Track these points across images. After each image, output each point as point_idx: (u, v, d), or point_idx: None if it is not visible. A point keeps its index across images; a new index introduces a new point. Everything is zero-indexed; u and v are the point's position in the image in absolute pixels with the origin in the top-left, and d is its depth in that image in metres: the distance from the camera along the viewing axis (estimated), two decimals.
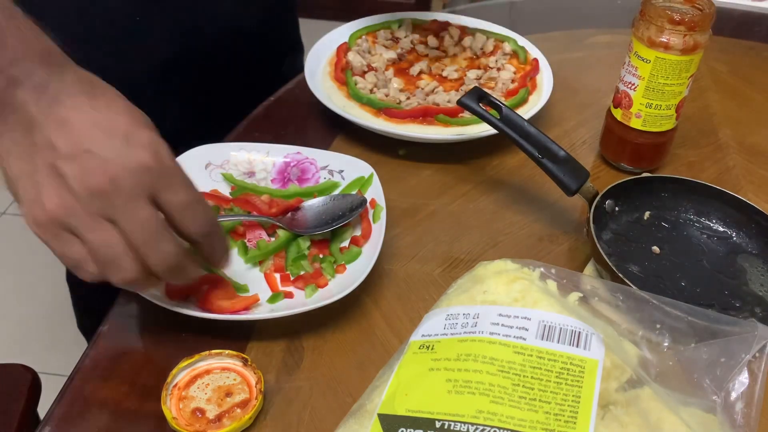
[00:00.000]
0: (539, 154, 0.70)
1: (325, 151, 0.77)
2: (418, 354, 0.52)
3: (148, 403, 0.56)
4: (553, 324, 0.50)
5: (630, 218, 0.73)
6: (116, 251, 0.50)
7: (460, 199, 0.78)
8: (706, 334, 0.52)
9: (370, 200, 0.71)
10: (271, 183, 0.75)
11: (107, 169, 0.49)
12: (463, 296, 0.55)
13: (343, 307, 0.63)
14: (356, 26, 0.98)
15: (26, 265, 1.91)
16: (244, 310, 0.61)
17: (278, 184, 0.75)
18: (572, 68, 1.00)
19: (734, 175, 0.83)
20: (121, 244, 0.50)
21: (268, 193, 0.73)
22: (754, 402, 0.50)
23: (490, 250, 0.72)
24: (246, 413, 0.54)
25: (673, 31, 0.71)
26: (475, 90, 0.74)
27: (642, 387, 0.49)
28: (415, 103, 0.84)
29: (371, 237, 0.68)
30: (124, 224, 0.50)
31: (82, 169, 0.49)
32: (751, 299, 0.65)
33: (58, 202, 0.49)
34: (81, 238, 0.50)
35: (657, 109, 0.76)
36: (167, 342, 0.61)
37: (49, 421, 0.56)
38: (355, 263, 0.66)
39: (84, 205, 0.49)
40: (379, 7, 1.14)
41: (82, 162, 0.49)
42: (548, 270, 0.56)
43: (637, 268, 0.68)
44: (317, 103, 0.85)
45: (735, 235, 0.72)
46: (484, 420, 0.45)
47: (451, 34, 0.97)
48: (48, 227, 0.50)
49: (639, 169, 0.80)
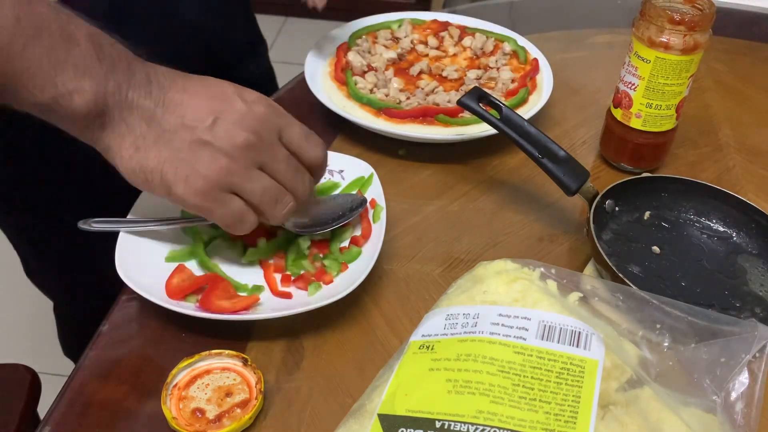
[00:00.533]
0: (539, 154, 0.70)
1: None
2: (418, 354, 0.52)
3: (148, 403, 0.56)
4: (553, 324, 0.50)
5: (630, 218, 0.73)
6: (277, 192, 0.59)
7: (460, 199, 0.78)
8: (706, 334, 0.52)
9: (370, 200, 0.71)
10: None
11: (243, 124, 0.56)
12: (463, 296, 0.55)
13: (343, 307, 0.63)
14: (356, 26, 0.98)
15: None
16: (244, 310, 0.61)
17: None
18: (572, 68, 1.00)
19: (734, 175, 0.83)
20: (277, 185, 0.58)
21: None
22: (754, 402, 0.50)
23: (490, 250, 0.72)
24: (246, 413, 0.54)
25: (673, 31, 0.71)
26: (475, 90, 0.74)
27: (642, 387, 0.49)
28: (415, 103, 0.84)
29: (371, 237, 0.68)
30: (273, 166, 0.58)
31: (223, 132, 0.55)
32: (751, 299, 0.65)
33: (216, 166, 0.55)
34: (242, 192, 0.57)
35: (657, 109, 0.76)
36: (167, 342, 0.61)
37: (49, 421, 0.56)
38: (355, 263, 0.66)
39: (238, 161, 0.56)
40: (379, 7, 1.14)
41: (220, 127, 0.55)
42: (548, 270, 0.56)
43: (637, 268, 0.68)
44: (317, 103, 0.85)
45: (735, 235, 0.72)
46: (484, 420, 0.45)
47: (451, 34, 0.97)
48: (211, 193, 0.56)
49: (639, 169, 0.80)
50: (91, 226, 0.65)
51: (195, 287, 0.62)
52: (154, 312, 0.62)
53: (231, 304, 0.61)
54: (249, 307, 0.61)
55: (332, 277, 0.65)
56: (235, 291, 0.64)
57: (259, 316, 0.60)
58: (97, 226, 0.65)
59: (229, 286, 0.64)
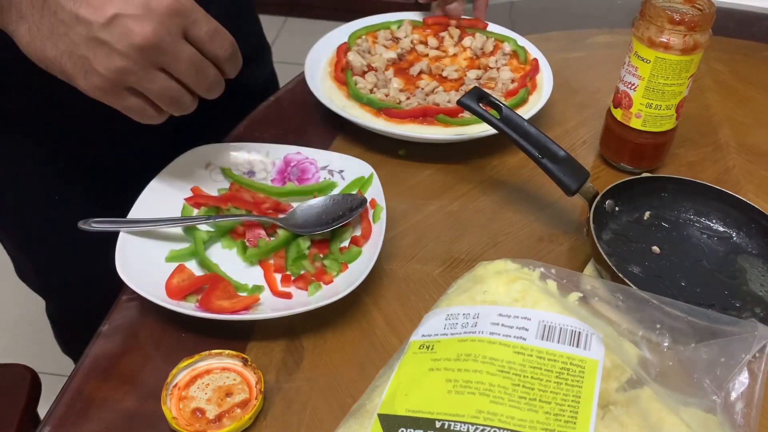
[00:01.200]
0: (539, 154, 0.70)
1: (325, 151, 0.77)
2: (418, 354, 0.52)
3: (148, 403, 0.56)
4: (553, 324, 0.50)
5: (630, 218, 0.73)
6: (175, 92, 0.58)
7: (460, 199, 0.78)
8: (706, 334, 0.52)
9: (370, 200, 0.71)
10: (271, 183, 0.75)
11: (143, 24, 0.53)
12: (463, 296, 0.55)
13: (343, 307, 0.63)
14: (356, 26, 0.98)
15: None
16: (244, 310, 0.61)
17: (278, 184, 0.75)
18: (572, 68, 1.00)
19: (734, 175, 0.83)
20: (176, 85, 0.58)
21: (265, 191, 0.73)
22: (754, 402, 0.50)
23: (490, 250, 0.72)
24: (246, 413, 0.54)
25: (673, 31, 0.71)
26: (475, 90, 0.74)
27: (642, 387, 0.49)
28: (415, 103, 0.84)
29: (371, 237, 0.68)
30: (175, 66, 0.57)
31: (120, 32, 0.53)
32: (751, 299, 0.65)
33: (112, 66, 0.54)
34: (142, 91, 0.57)
35: (657, 109, 0.76)
36: (167, 342, 0.61)
37: (49, 421, 0.56)
38: (355, 263, 0.66)
39: (135, 62, 0.54)
40: (379, 7, 1.14)
41: (117, 25, 0.54)
42: (548, 270, 0.56)
43: (637, 268, 0.68)
44: (317, 103, 0.85)
45: (735, 235, 0.72)
46: (484, 420, 0.45)
47: (451, 34, 0.97)
48: (109, 90, 0.56)
49: (639, 169, 0.80)
50: (90, 226, 0.65)
51: (195, 287, 0.62)
52: (154, 312, 0.62)
53: (231, 304, 0.61)
54: (249, 307, 0.61)
55: (332, 277, 0.65)
56: (235, 291, 0.64)
57: (260, 316, 0.60)
58: (97, 226, 0.65)
59: (229, 286, 0.64)
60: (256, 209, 0.71)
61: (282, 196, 0.73)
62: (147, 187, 0.70)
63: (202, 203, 0.71)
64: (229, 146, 0.77)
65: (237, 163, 0.75)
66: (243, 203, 0.71)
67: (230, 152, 0.76)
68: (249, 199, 0.72)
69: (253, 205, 0.71)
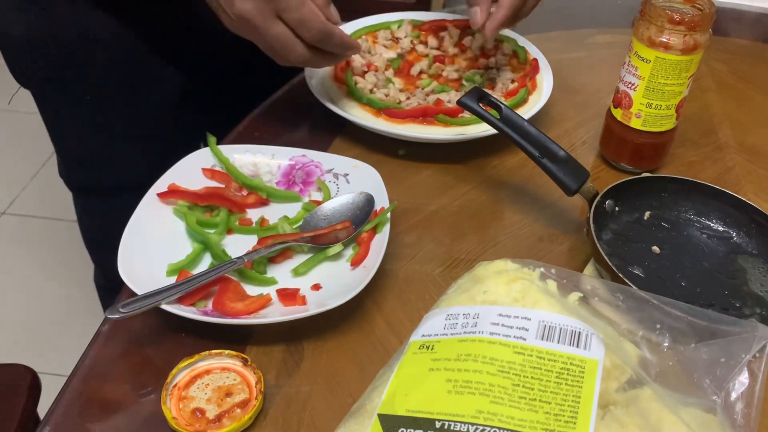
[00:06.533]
0: (539, 154, 0.70)
1: (331, 154, 0.77)
2: (418, 354, 0.52)
3: (148, 403, 0.56)
4: (553, 324, 0.50)
5: (630, 218, 0.73)
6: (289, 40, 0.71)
7: (460, 199, 0.78)
8: (706, 334, 0.52)
9: (380, 208, 0.70)
10: (276, 186, 0.75)
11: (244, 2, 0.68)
12: (463, 296, 0.55)
13: (343, 307, 0.63)
14: (356, 26, 0.98)
15: (26, 265, 1.92)
16: (256, 311, 0.61)
17: (283, 187, 0.75)
18: (572, 68, 1.00)
19: (734, 175, 0.83)
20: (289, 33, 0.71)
21: (269, 192, 0.74)
22: (754, 402, 0.50)
23: (490, 250, 0.72)
24: (246, 413, 0.54)
25: (673, 31, 0.71)
26: (475, 90, 0.74)
27: (642, 387, 0.49)
28: (415, 103, 0.84)
29: (374, 241, 0.67)
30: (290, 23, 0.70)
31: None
32: (751, 299, 0.65)
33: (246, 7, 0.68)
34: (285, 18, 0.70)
35: (657, 109, 0.76)
36: (167, 342, 0.61)
37: (49, 421, 0.56)
38: None
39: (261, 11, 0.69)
40: (379, 7, 1.14)
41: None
42: (548, 270, 0.56)
43: (637, 268, 0.68)
44: (317, 103, 0.85)
45: (735, 235, 0.72)
46: (484, 420, 0.45)
47: (451, 34, 0.97)
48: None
49: (639, 169, 0.80)
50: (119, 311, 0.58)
51: (204, 291, 0.62)
52: (154, 312, 0.62)
53: (244, 305, 0.61)
54: (263, 308, 0.61)
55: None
56: (245, 292, 0.63)
57: (261, 320, 0.60)
58: (124, 310, 0.58)
59: (239, 286, 0.64)
60: (238, 208, 0.72)
61: (280, 198, 0.74)
62: (151, 188, 0.70)
63: (178, 198, 0.70)
64: (234, 148, 0.76)
65: (242, 165, 0.75)
66: (225, 200, 0.71)
67: (234, 155, 0.76)
68: (235, 198, 0.72)
69: (236, 205, 0.71)
